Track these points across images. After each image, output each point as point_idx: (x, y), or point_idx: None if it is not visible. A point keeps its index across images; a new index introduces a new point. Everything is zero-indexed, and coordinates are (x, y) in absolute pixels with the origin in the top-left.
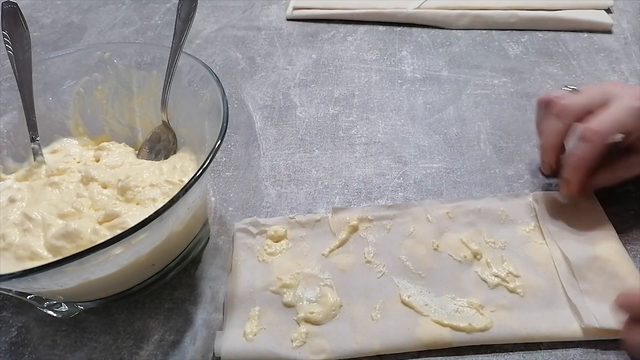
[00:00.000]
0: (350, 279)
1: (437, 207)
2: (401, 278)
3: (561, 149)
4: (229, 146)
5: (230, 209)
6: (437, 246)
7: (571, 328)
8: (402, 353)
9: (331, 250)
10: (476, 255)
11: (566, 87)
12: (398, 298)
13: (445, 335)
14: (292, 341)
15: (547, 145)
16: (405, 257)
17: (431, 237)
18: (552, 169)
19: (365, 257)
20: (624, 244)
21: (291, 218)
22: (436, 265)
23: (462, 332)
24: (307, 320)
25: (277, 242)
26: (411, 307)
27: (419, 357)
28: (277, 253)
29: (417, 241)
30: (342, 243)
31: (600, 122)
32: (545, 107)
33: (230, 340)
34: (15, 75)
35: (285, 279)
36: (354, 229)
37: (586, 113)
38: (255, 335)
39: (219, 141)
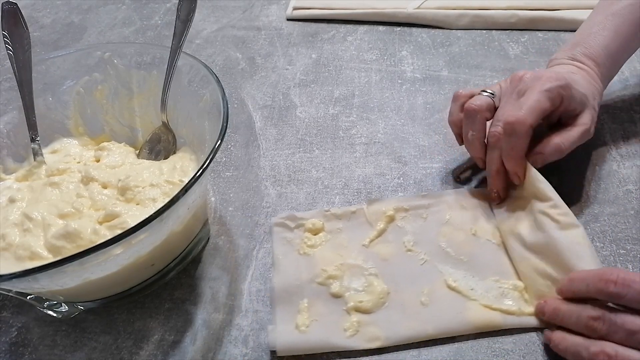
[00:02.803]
0: (393, 267)
1: (470, 194)
2: (444, 264)
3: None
4: (229, 146)
5: (230, 209)
6: (475, 232)
7: None
8: (404, 345)
9: (371, 241)
10: None
11: (484, 91)
12: (444, 284)
13: (496, 319)
14: (345, 330)
15: (493, 173)
16: (444, 244)
17: (468, 224)
18: (502, 197)
19: (405, 246)
20: (624, 244)
21: (326, 211)
22: (477, 249)
23: (512, 316)
24: (357, 310)
25: (315, 234)
26: (458, 292)
27: (426, 346)
28: (317, 245)
29: (454, 228)
30: (381, 233)
31: (521, 111)
32: (467, 117)
33: (284, 334)
34: (15, 75)
35: (330, 270)
36: (391, 219)
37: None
38: (307, 327)
39: (219, 141)
